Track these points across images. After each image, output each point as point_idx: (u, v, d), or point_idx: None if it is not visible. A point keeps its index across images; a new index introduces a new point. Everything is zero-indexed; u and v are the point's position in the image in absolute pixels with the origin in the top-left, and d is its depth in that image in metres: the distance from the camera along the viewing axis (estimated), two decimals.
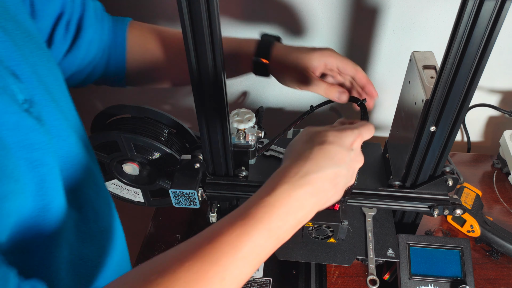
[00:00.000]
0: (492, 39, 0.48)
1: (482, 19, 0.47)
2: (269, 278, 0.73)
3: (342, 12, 0.82)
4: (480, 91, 0.95)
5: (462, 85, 0.53)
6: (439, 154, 0.63)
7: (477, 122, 1.03)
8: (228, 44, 0.63)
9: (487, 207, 0.88)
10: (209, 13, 0.49)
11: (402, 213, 0.75)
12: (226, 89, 0.60)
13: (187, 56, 0.54)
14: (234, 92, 1.00)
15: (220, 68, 0.55)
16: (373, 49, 0.88)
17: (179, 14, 0.50)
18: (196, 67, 0.55)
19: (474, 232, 0.80)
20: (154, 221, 0.90)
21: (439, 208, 0.67)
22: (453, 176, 0.66)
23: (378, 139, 1.02)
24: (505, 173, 0.95)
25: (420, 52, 0.68)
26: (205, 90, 0.58)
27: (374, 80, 0.94)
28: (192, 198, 0.70)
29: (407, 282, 0.68)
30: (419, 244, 0.71)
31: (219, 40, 0.52)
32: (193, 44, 0.52)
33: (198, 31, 0.51)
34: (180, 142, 0.78)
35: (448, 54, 0.51)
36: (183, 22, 0.50)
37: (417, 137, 0.62)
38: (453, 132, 0.60)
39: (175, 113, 1.04)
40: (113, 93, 1.03)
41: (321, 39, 0.87)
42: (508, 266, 0.78)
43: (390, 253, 0.70)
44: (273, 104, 1.01)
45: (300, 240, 0.71)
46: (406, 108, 0.71)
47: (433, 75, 0.63)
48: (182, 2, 0.48)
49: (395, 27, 0.84)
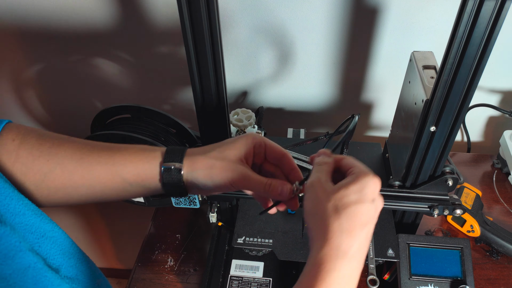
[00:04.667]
0: (492, 39, 0.48)
1: (482, 19, 0.47)
2: (269, 278, 0.73)
3: (342, 12, 0.82)
4: (480, 91, 0.95)
5: (462, 85, 0.53)
6: (439, 154, 0.63)
7: (477, 122, 1.03)
8: (127, 161, 0.49)
9: (487, 207, 0.88)
10: (209, 13, 0.49)
11: (402, 213, 0.75)
12: (226, 89, 0.60)
13: (187, 56, 0.54)
14: (234, 92, 1.00)
15: (220, 68, 0.55)
16: (373, 49, 0.88)
17: (179, 14, 0.50)
18: (196, 67, 0.55)
19: (474, 232, 0.80)
20: (154, 221, 0.90)
21: (439, 208, 0.67)
22: (453, 176, 0.66)
23: (378, 139, 1.02)
24: (505, 173, 0.95)
25: (420, 52, 0.68)
26: (205, 90, 0.58)
27: (374, 80, 0.94)
28: (192, 198, 0.71)
29: (407, 282, 0.68)
30: (419, 244, 0.71)
31: (219, 40, 0.52)
32: (193, 44, 0.52)
33: (198, 31, 0.51)
34: (180, 142, 0.78)
35: (448, 54, 0.51)
36: (183, 22, 0.50)
37: (417, 137, 0.62)
38: (453, 132, 0.60)
39: (175, 113, 1.04)
40: (113, 93, 1.03)
41: (321, 39, 0.87)
42: (508, 266, 0.78)
43: (390, 253, 0.70)
44: (273, 104, 1.01)
45: (300, 240, 0.71)
46: (406, 108, 0.71)
47: (433, 75, 0.63)
48: (182, 2, 0.48)
49: (395, 27, 0.84)
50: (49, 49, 0.95)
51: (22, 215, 0.40)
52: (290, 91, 0.98)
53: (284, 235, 0.72)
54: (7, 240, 0.36)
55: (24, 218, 0.41)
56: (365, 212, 0.41)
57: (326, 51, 0.89)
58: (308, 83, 0.95)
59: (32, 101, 1.08)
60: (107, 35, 0.90)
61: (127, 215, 1.38)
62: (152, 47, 0.92)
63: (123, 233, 1.51)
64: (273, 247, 0.70)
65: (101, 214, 1.43)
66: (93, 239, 1.58)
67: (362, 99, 0.98)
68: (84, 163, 0.48)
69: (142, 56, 0.94)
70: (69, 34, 0.91)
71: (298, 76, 0.94)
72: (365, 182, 0.42)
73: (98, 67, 0.97)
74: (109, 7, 0.85)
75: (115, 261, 1.70)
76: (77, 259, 0.46)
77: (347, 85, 0.96)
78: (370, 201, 0.42)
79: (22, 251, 0.37)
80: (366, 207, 0.41)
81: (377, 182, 0.42)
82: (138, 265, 0.82)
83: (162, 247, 0.85)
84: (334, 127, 1.10)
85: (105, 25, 0.88)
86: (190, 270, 0.81)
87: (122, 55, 0.94)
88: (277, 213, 0.75)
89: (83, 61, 0.96)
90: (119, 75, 0.99)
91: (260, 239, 0.71)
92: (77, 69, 0.98)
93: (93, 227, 1.51)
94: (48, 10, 0.87)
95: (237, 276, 0.73)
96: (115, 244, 1.59)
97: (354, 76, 0.94)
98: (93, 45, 0.93)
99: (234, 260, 0.75)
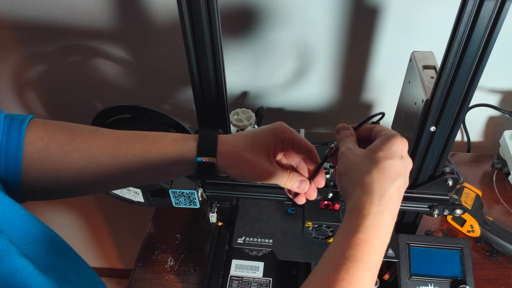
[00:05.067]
0: (492, 39, 0.48)
1: (482, 19, 0.47)
2: (269, 278, 0.73)
3: (342, 12, 0.82)
4: (480, 91, 0.95)
5: (462, 85, 0.53)
6: (439, 154, 0.63)
7: (477, 122, 1.03)
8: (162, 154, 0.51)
9: (487, 207, 0.88)
10: (209, 13, 0.49)
11: (402, 213, 0.75)
12: (226, 89, 0.60)
13: (187, 56, 0.54)
14: (234, 92, 1.00)
15: (220, 68, 0.55)
16: (373, 49, 0.88)
17: (179, 14, 0.50)
18: (196, 67, 0.55)
19: (474, 232, 0.80)
20: (154, 221, 0.90)
21: (439, 208, 0.67)
22: (453, 176, 0.66)
23: None
24: (505, 173, 0.95)
25: (420, 52, 0.68)
26: (205, 90, 0.58)
27: (374, 80, 0.94)
28: (192, 198, 0.70)
29: (407, 282, 0.68)
30: (419, 244, 0.71)
31: (219, 40, 0.52)
32: (193, 44, 0.52)
33: (198, 31, 0.51)
34: None
35: (448, 54, 0.51)
36: (183, 22, 0.50)
37: (417, 137, 0.62)
38: (453, 132, 0.60)
39: (175, 113, 1.04)
40: (113, 93, 1.03)
41: (321, 39, 0.87)
42: (508, 266, 0.78)
43: (390, 253, 0.70)
44: (273, 104, 1.01)
45: (300, 240, 0.71)
46: (406, 108, 0.71)
47: (433, 75, 0.63)
48: (182, 2, 0.48)
49: (395, 27, 0.84)
50: (49, 49, 0.95)
51: (11, 221, 0.40)
52: (290, 91, 0.98)
53: (284, 235, 0.72)
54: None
55: (14, 224, 0.40)
56: (394, 167, 0.44)
57: (326, 51, 0.89)
58: (308, 83, 0.96)
59: (32, 101, 1.08)
60: (107, 35, 0.90)
61: (127, 215, 1.38)
62: (152, 47, 0.92)
63: (123, 233, 1.51)
64: (273, 247, 0.70)
65: (101, 214, 1.43)
66: (93, 239, 1.58)
67: (362, 99, 0.98)
68: (119, 157, 0.50)
69: (142, 56, 0.94)
70: (69, 34, 0.91)
71: (298, 76, 0.94)
72: (393, 141, 0.46)
73: (98, 67, 0.97)
74: (109, 7, 0.85)
75: (115, 261, 1.70)
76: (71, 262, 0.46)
77: (347, 85, 0.96)
78: (399, 157, 0.45)
79: (9, 255, 0.36)
80: (395, 162, 0.44)
81: (404, 141, 0.46)
82: (138, 265, 0.82)
83: (162, 247, 0.85)
84: (334, 127, 1.10)
85: (105, 25, 0.88)
86: (190, 270, 0.81)
87: (122, 55, 0.94)
88: (277, 213, 0.75)
89: (83, 61, 0.96)
90: (119, 75, 0.99)
91: (260, 239, 0.71)
92: (77, 69, 0.98)
93: (93, 227, 1.51)
94: (48, 10, 0.87)
95: (237, 276, 0.73)
96: (115, 244, 1.59)
97: (354, 76, 0.94)
98: (93, 45, 0.93)
99: (234, 260, 0.75)
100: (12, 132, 0.48)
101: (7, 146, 0.48)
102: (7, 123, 0.49)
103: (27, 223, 0.42)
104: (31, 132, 0.49)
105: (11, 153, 0.48)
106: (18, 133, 0.48)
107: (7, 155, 0.47)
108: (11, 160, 0.48)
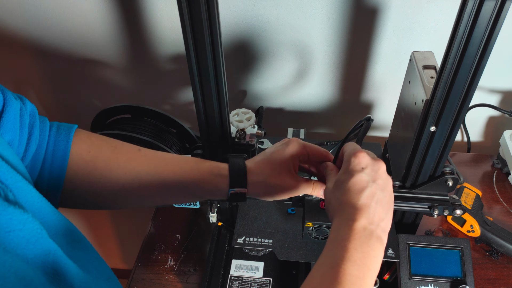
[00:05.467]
0: (492, 39, 0.48)
1: (482, 19, 0.47)
2: (269, 278, 0.73)
3: (342, 12, 0.82)
4: (480, 91, 0.95)
5: (462, 85, 0.53)
6: (439, 154, 0.63)
7: (477, 122, 1.03)
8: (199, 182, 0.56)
9: (487, 207, 0.88)
10: (209, 13, 0.49)
11: (402, 213, 0.75)
12: (226, 89, 0.60)
13: (187, 56, 0.54)
14: (234, 92, 1.00)
15: (220, 68, 0.55)
16: (373, 49, 0.88)
17: (179, 14, 0.50)
18: (196, 67, 0.55)
19: (474, 232, 0.80)
20: (154, 221, 0.90)
21: (439, 208, 0.67)
22: (453, 176, 0.66)
23: (378, 139, 1.02)
24: (505, 173, 0.95)
25: (420, 52, 0.68)
26: (205, 90, 0.58)
27: (374, 80, 0.94)
28: None
29: (407, 282, 0.68)
30: (419, 244, 0.71)
31: (219, 41, 0.52)
32: (193, 44, 0.52)
33: (198, 31, 0.51)
34: (180, 142, 0.79)
35: (448, 54, 0.51)
36: (183, 22, 0.50)
37: (417, 137, 0.62)
38: (453, 132, 0.60)
39: (175, 113, 1.04)
40: (113, 93, 1.03)
41: (321, 39, 0.87)
42: (508, 266, 0.78)
43: (390, 253, 0.70)
44: (273, 104, 1.01)
45: (300, 240, 0.71)
46: (406, 108, 0.71)
47: (433, 75, 0.63)
48: (182, 2, 0.48)
49: (395, 27, 0.84)
50: (49, 49, 0.95)
51: (39, 212, 0.42)
52: (290, 91, 0.98)
53: (284, 235, 0.72)
54: (30, 226, 0.37)
55: (40, 215, 0.42)
56: (357, 182, 0.46)
57: (326, 51, 0.89)
58: (308, 83, 0.96)
59: (32, 101, 1.07)
60: (107, 35, 0.90)
61: (127, 215, 1.38)
62: (152, 47, 0.92)
63: (123, 233, 1.51)
64: (273, 247, 0.70)
65: (101, 214, 1.43)
66: (93, 239, 1.58)
67: (362, 99, 0.98)
68: (160, 179, 0.55)
69: (142, 56, 0.94)
70: (70, 34, 0.91)
71: (298, 76, 0.94)
72: (349, 160, 0.48)
73: (98, 67, 0.97)
74: (109, 8, 0.85)
75: (115, 261, 1.70)
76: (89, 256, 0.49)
77: (347, 85, 0.96)
78: (359, 171, 0.47)
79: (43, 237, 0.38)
80: (356, 177, 0.47)
81: (360, 154, 0.48)
82: (138, 265, 0.82)
83: (162, 247, 0.85)
84: (334, 127, 1.11)
85: (105, 25, 0.88)
86: (190, 270, 0.81)
87: (122, 55, 0.94)
88: (277, 213, 0.75)
89: (83, 61, 0.96)
90: (119, 75, 0.99)
91: (260, 239, 0.71)
92: (77, 69, 0.98)
93: (93, 227, 1.51)
94: (49, 11, 0.87)
95: (237, 276, 0.73)
96: (115, 244, 1.59)
97: (354, 76, 0.94)
98: (94, 45, 0.93)
99: (234, 260, 0.75)
100: (59, 142, 0.52)
101: (53, 155, 0.51)
102: (53, 132, 0.53)
103: (51, 215, 0.44)
104: (77, 143, 0.53)
105: (56, 161, 0.51)
106: (65, 143, 0.52)
107: (53, 163, 0.51)
108: (56, 168, 0.51)
